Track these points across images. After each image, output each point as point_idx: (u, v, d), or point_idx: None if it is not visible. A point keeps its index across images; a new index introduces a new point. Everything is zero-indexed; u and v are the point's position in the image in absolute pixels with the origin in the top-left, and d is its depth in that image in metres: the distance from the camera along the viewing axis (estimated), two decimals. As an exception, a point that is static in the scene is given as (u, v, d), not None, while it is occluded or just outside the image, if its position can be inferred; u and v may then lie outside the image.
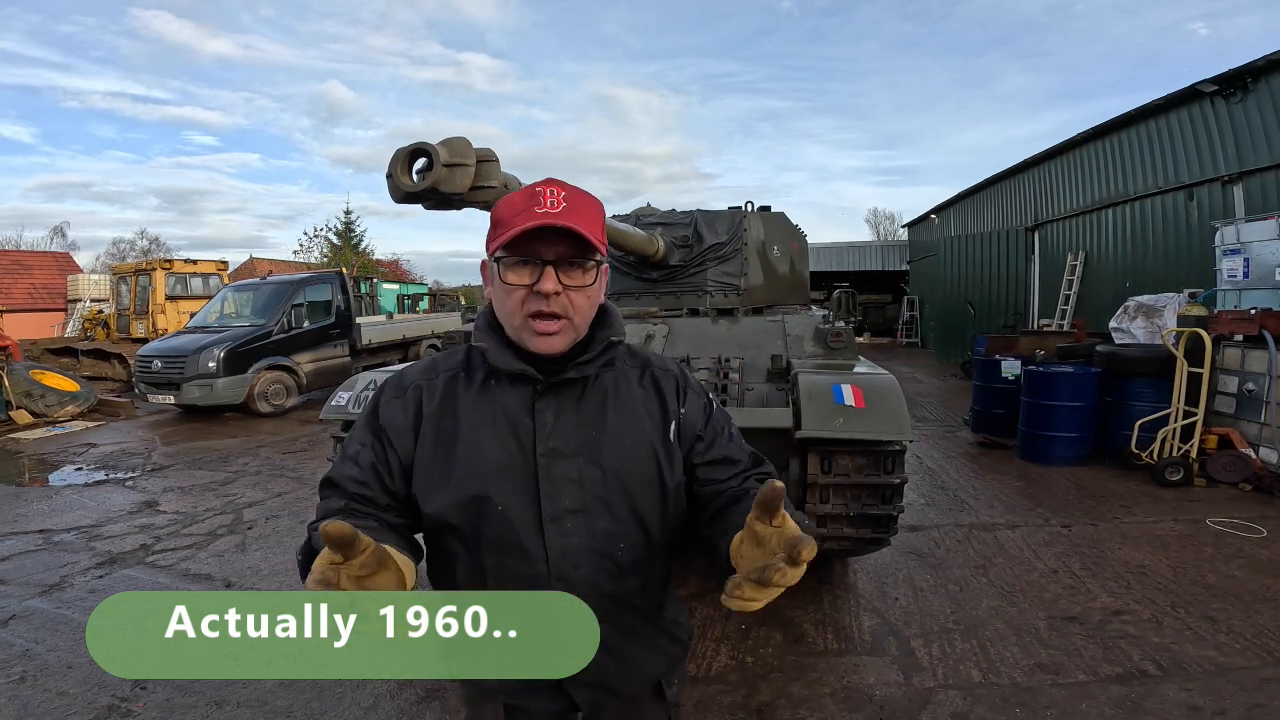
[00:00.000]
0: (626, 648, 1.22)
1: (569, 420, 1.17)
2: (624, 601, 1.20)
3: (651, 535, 1.20)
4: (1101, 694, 2.92)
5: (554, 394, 1.17)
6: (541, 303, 1.09)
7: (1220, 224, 7.64)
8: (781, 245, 5.24)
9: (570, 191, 1.10)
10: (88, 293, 19.40)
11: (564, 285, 1.09)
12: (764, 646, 3.38)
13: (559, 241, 1.08)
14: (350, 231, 32.07)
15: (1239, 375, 6.17)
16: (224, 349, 10.02)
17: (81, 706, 2.94)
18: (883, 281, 25.87)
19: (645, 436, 1.20)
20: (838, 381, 3.36)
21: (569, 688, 1.19)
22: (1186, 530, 4.83)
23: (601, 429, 1.18)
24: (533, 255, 1.09)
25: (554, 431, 1.16)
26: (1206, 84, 9.12)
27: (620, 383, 1.23)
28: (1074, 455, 6.71)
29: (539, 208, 1.07)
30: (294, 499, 6.04)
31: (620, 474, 1.17)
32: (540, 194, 1.08)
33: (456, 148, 2.32)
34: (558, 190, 1.09)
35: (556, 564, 1.14)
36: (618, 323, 1.24)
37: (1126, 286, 10.40)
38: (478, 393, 1.18)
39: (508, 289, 1.11)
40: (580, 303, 1.13)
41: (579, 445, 1.16)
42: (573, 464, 1.15)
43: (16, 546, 4.92)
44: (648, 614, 1.26)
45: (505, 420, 1.16)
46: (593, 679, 1.16)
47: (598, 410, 1.19)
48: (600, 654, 1.10)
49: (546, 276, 1.08)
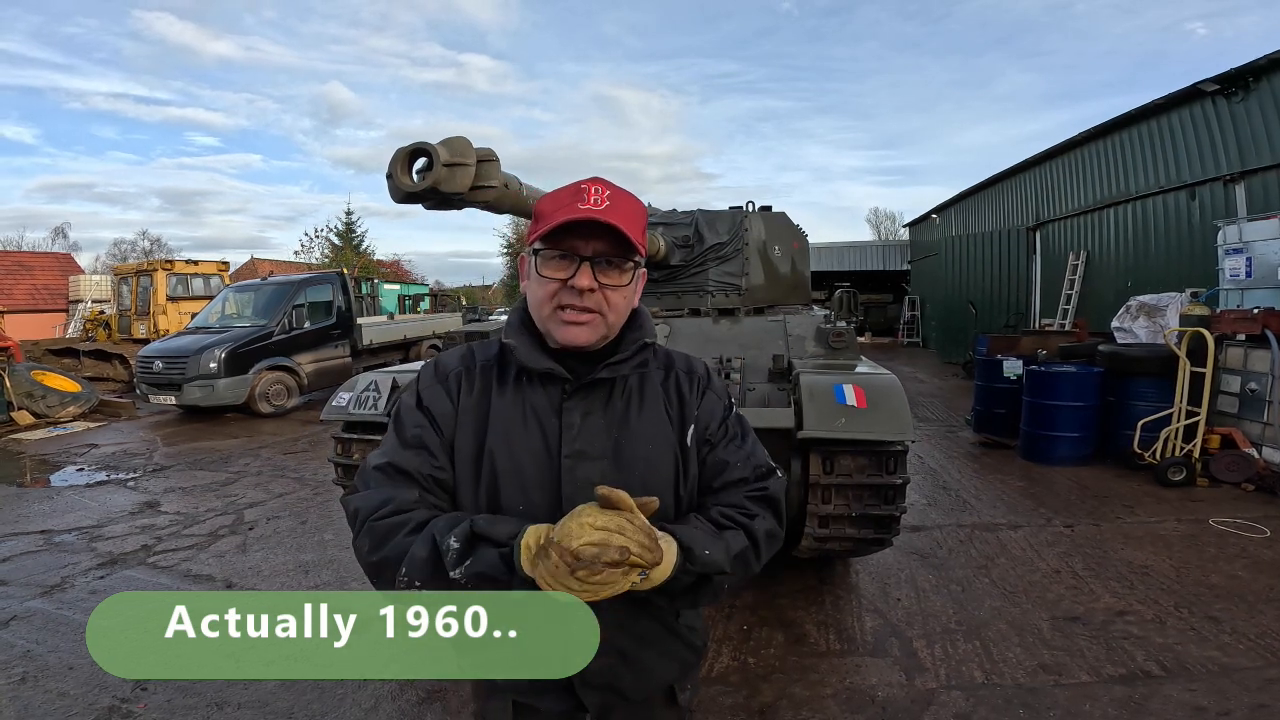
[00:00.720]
0: (640, 653, 1.22)
1: (596, 422, 1.17)
2: (640, 606, 1.17)
3: None
4: (1105, 695, 2.91)
5: (583, 395, 1.17)
6: (575, 298, 1.09)
7: (1222, 223, 7.64)
8: (783, 245, 5.23)
9: (615, 191, 1.11)
10: (89, 293, 19.44)
11: (600, 283, 1.10)
12: (766, 647, 3.38)
13: (598, 238, 1.09)
14: (351, 232, 32.07)
15: (1242, 375, 6.16)
16: (225, 350, 10.02)
17: (83, 707, 2.93)
18: (884, 281, 25.85)
19: (667, 439, 1.21)
20: (840, 381, 3.35)
21: (578, 690, 1.17)
22: (1189, 530, 4.82)
23: (626, 432, 1.18)
24: (571, 250, 1.09)
25: (580, 433, 1.15)
26: (1208, 83, 9.11)
27: (646, 384, 1.23)
28: (1076, 455, 6.70)
29: (582, 203, 1.07)
30: (295, 499, 6.03)
31: (643, 478, 1.16)
32: (585, 190, 1.09)
33: (456, 147, 2.31)
34: (602, 188, 1.10)
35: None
36: (649, 324, 1.25)
37: (1128, 286, 10.38)
38: (510, 389, 1.18)
39: (542, 281, 1.12)
40: (616, 301, 1.13)
41: (605, 448, 1.16)
42: (596, 467, 1.14)
43: (18, 547, 4.91)
44: (663, 618, 1.25)
45: (534, 419, 1.16)
46: (603, 682, 1.17)
47: (623, 413, 1.19)
48: (612, 657, 1.12)
49: (582, 272, 1.09)
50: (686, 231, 4.91)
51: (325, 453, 6.65)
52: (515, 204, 3.14)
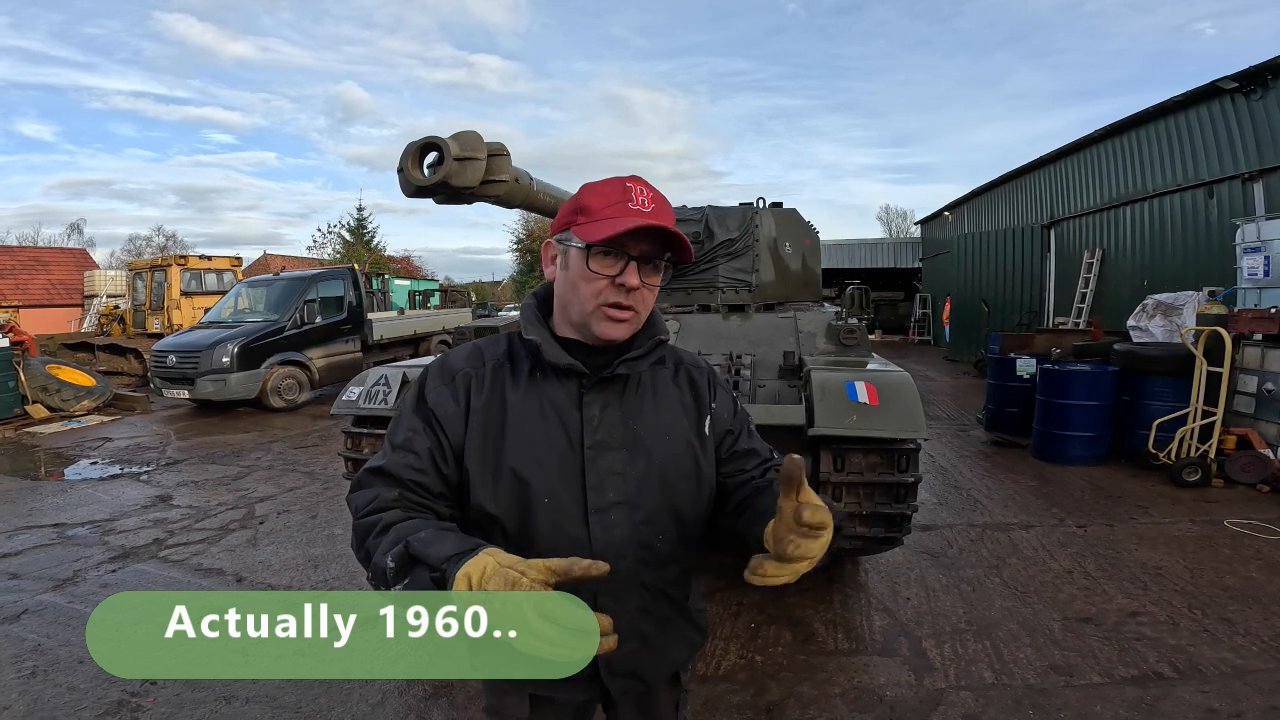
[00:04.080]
0: (659, 637, 1.27)
1: (614, 414, 1.20)
2: (660, 591, 1.25)
3: (686, 526, 1.23)
4: (1116, 696, 2.88)
5: (600, 389, 1.20)
6: (621, 295, 1.13)
7: (1241, 221, 7.55)
8: (793, 242, 5.20)
9: (655, 192, 1.16)
10: (104, 289, 19.56)
11: (642, 282, 1.14)
12: (773, 646, 3.36)
13: (645, 240, 1.12)
14: (363, 228, 32.22)
15: (1259, 375, 6.08)
16: (237, 344, 10.09)
17: (92, 701, 2.95)
18: (895, 279, 25.74)
19: (683, 431, 1.25)
20: (851, 378, 3.33)
21: (604, 678, 1.22)
22: (1204, 531, 4.77)
23: (642, 422, 1.22)
24: (622, 249, 1.12)
25: (600, 425, 1.19)
26: (1226, 81, 9.01)
27: (658, 378, 1.28)
28: (1090, 455, 6.63)
29: (632, 204, 1.12)
30: (306, 494, 6.06)
31: (661, 467, 1.21)
32: (631, 190, 1.13)
33: (467, 142, 2.31)
34: (646, 189, 1.14)
35: (600, 554, 1.14)
36: (662, 322, 1.27)
37: (1144, 284, 10.30)
38: (525, 385, 1.20)
39: (590, 276, 1.13)
40: (649, 299, 1.18)
41: (623, 439, 1.20)
42: (617, 457, 1.18)
43: (31, 541, 4.96)
44: (678, 603, 1.30)
45: (554, 412, 1.18)
46: (627, 669, 1.23)
47: (639, 404, 1.23)
48: (635, 643, 1.20)
49: (630, 271, 1.12)
50: (697, 228, 4.88)
51: (336, 447, 6.67)
52: (526, 198, 3.13)
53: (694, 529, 1.25)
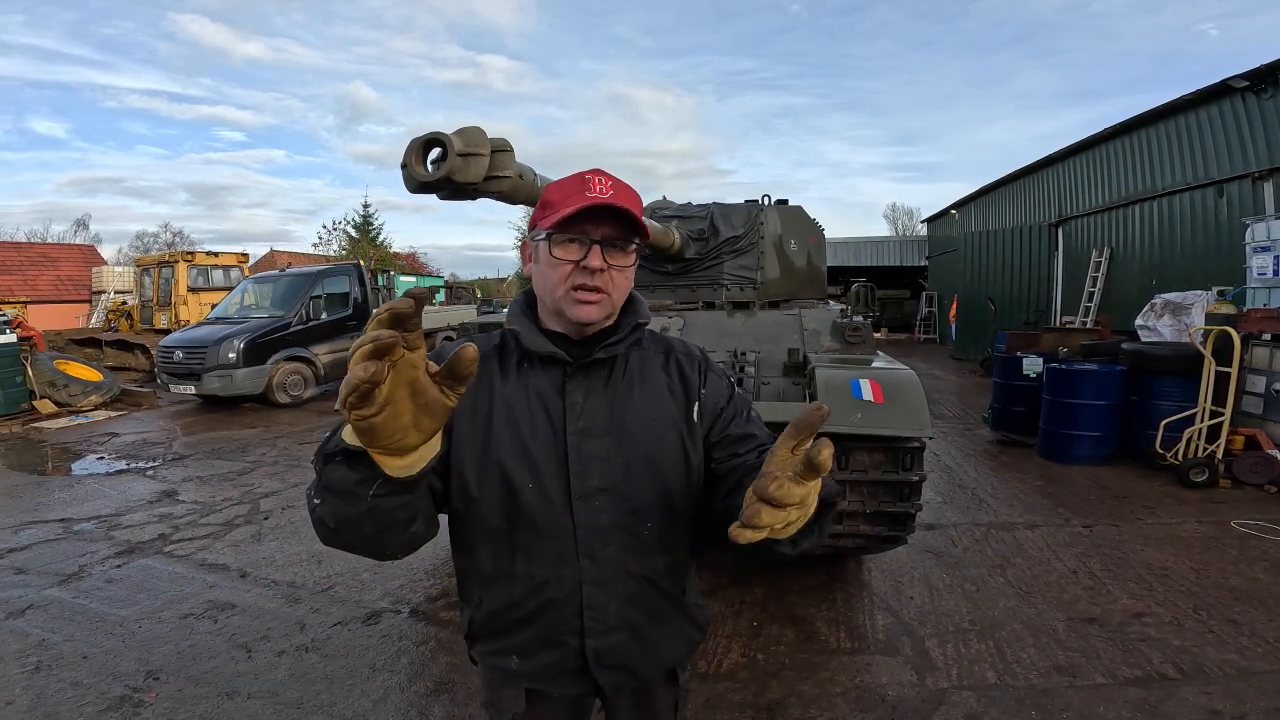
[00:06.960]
0: (650, 629, 1.26)
1: (598, 400, 1.21)
2: (650, 581, 1.24)
3: (676, 514, 1.23)
4: (1120, 697, 2.86)
5: (583, 375, 1.21)
6: (586, 277, 1.14)
7: (1250, 221, 7.48)
8: (798, 239, 5.18)
9: (615, 181, 1.18)
10: (112, 285, 19.67)
11: (608, 264, 1.15)
12: (775, 644, 3.35)
13: (606, 223, 1.15)
14: (369, 225, 32.26)
15: (1267, 375, 6.04)
16: (244, 340, 10.12)
17: (95, 696, 2.96)
18: (901, 277, 25.65)
19: (670, 416, 1.25)
20: (856, 376, 3.31)
21: (594, 671, 1.22)
22: (1210, 532, 4.74)
23: (629, 409, 1.23)
24: (582, 234, 1.14)
25: (584, 411, 1.20)
26: (1237, 79, 8.94)
27: (646, 365, 1.29)
28: (1096, 454, 6.60)
29: (589, 192, 1.13)
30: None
31: (647, 453, 1.21)
32: (589, 180, 1.15)
33: (471, 137, 2.29)
34: (605, 178, 1.16)
35: (584, 541, 1.18)
36: (643, 308, 1.29)
37: (1153, 283, 10.22)
38: (513, 374, 1.22)
39: (555, 263, 1.15)
40: (620, 281, 1.19)
41: (608, 425, 1.20)
42: (601, 443, 1.19)
43: (37, 535, 4.98)
44: (672, 595, 1.29)
45: (538, 400, 1.20)
46: (617, 662, 1.23)
47: (625, 391, 1.24)
48: (624, 635, 1.21)
49: (594, 254, 1.14)
50: (702, 225, 4.86)
51: (340, 444, 6.65)
52: (530, 195, 3.11)
53: (683, 517, 1.24)
